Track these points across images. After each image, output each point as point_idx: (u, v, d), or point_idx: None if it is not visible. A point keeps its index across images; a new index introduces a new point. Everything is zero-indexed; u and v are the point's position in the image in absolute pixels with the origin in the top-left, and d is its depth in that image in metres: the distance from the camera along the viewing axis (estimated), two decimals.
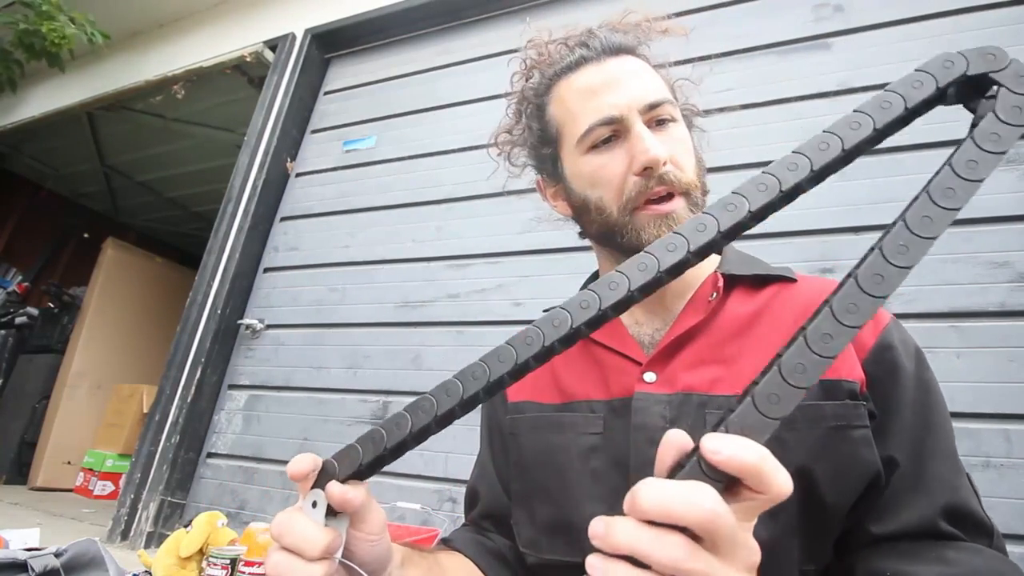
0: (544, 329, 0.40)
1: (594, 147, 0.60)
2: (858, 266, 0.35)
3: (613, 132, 0.59)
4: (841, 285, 0.35)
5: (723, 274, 0.62)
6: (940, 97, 0.39)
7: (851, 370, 0.53)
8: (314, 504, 0.41)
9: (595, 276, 0.72)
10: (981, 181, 0.36)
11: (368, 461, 0.41)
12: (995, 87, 0.37)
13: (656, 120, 0.60)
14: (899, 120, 0.39)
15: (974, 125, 0.38)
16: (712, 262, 0.66)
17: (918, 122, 0.41)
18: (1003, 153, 0.36)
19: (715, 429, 0.33)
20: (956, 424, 0.64)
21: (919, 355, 0.56)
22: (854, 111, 0.40)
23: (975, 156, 0.37)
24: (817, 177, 0.40)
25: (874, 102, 0.39)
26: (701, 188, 0.61)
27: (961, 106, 0.40)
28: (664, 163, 0.57)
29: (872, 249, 0.35)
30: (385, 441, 0.41)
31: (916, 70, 0.39)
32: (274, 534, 0.40)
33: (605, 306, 0.39)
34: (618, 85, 0.60)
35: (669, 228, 0.56)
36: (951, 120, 1.46)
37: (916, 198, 0.36)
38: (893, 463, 0.51)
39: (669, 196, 0.58)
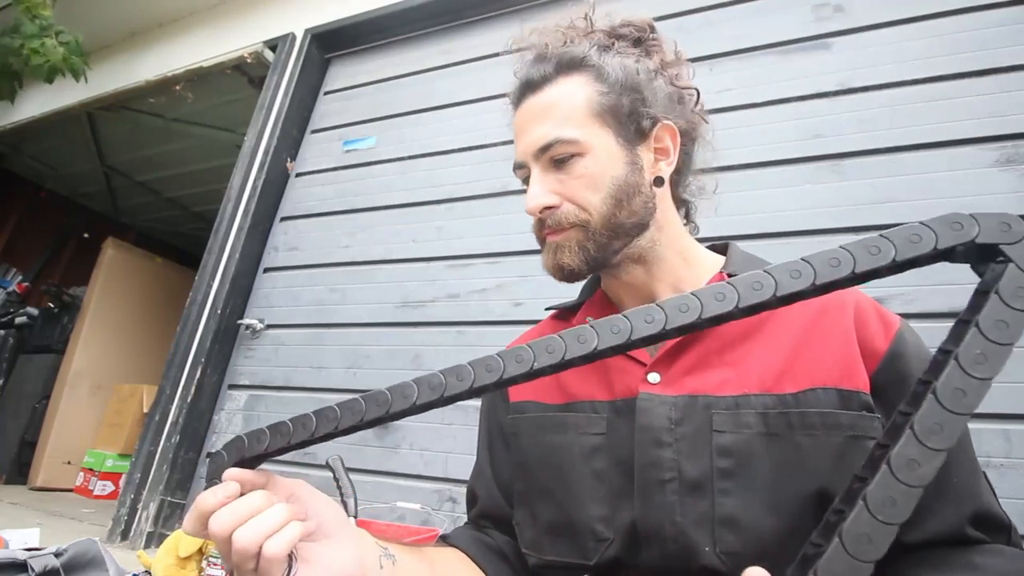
0: (476, 371, 0.40)
1: (524, 181, 0.64)
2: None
3: (525, 175, 0.64)
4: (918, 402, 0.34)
5: (728, 274, 0.62)
6: (937, 257, 0.37)
7: (864, 382, 0.53)
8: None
9: (597, 278, 0.72)
10: (1010, 344, 0.34)
11: (255, 455, 0.44)
12: (1004, 261, 0.35)
13: (553, 159, 0.60)
14: (884, 269, 0.38)
15: (981, 291, 0.36)
16: (716, 263, 0.66)
17: (919, 122, 0.40)
18: (1009, 344, 0.35)
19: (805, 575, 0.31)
20: None
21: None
22: (840, 247, 0.38)
23: (981, 346, 0.35)
24: (787, 299, 0.39)
25: (863, 244, 0.38)
26: (606, 219, 0.59)
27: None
28: (541, 210, 0.60)
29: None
30: (285, 438, 0.43)
31: (921, 223, 0.37)
32: (228, 521, 0.40)
33: (539, 365, 0.40)
34: (523, 132, 0.63)
35: (559, 254, 0.60)
36: (951, 120, 1.46)
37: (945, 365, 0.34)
38: None
39: (560, 229, 0.61)
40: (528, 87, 0.63)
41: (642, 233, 0.62)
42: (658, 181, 0.62)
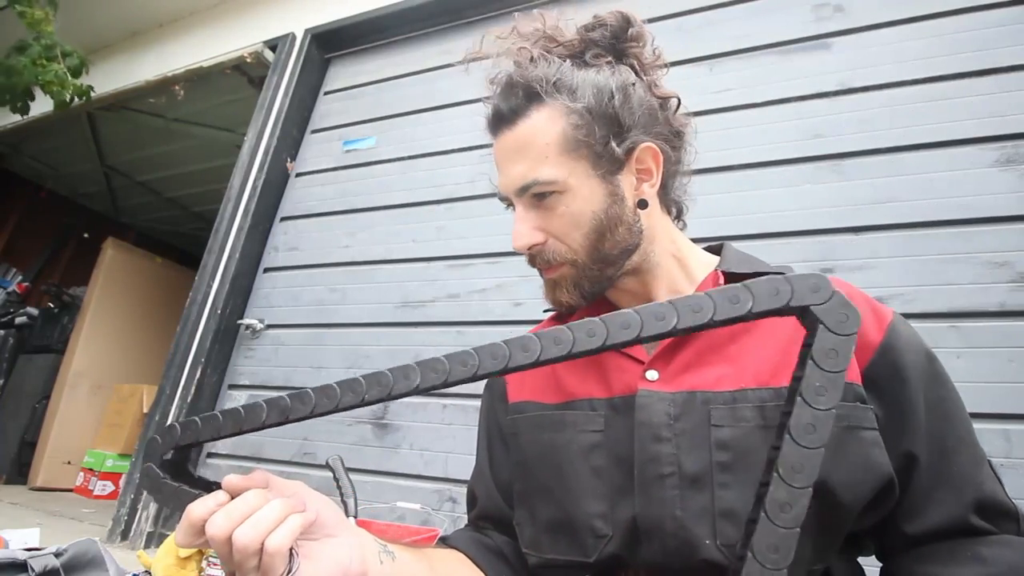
0: (451, 365, 0.42)
1: (509, 206, 0.64)
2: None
3: (509, 203, 0.63)
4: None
5: (723, 272, 0.62)
6: (760, 316, 0.39)
7: (856, 373, 0.54)
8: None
9: None
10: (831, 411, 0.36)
11: (185, 443, 0.45)
12: (817, 322, 0.37)
13: (534, 197, 0.60)
14: (704, 327, 0.39)
15: (806, 343, 0.38)
16: (711, 262, 0.66)
17: (919, 122, 0.41)
18: (831, 410, 0.37)
19: None
20: None
21: (927, 350, 0.56)
22: (668, 302, 0.40)
23: (811, 418, 0.37)
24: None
25: (687, 302, 0.39)
26: (591, 254, 0.59)
27: None
28: (529, 248, 0.61)
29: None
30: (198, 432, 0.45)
31: (744, 285, 0.39)
32: (224, 525, 0.40)
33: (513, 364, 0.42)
34: (502, 168, 0.62)
35: (557, 292, 0.62)
36: (951, 120, 1.46)
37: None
38: (914, 459, 0.52)
39: (552, 266, 0.61)
40: (500, 119, 0.61)
41: (633, 253, 0.62)
42: (642, 204, 0.61)
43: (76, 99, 2.51)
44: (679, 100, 0.66)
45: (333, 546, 0.44)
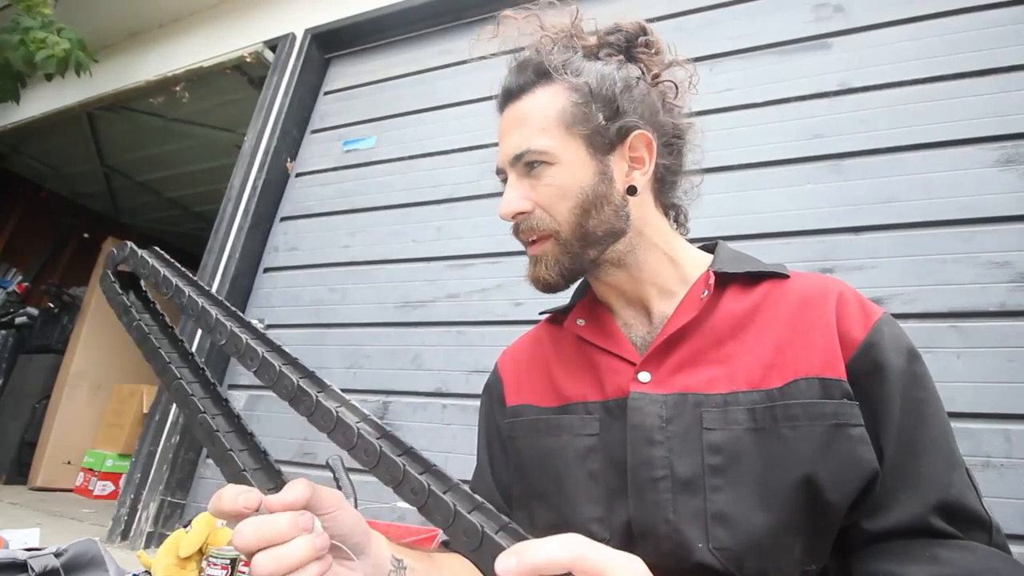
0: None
1: (505, 182, 0.65)
2: None
3: (504, 178, 0.65)
4: None
5: (715, 272, 0.62)
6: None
7: (843, 370, 0.53)
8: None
9: (586, 281, 0.71)
10: None
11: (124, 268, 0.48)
12: None
13: (527, 167, 0.61)
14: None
15: None
16: (705, 261, 0.66)
17: (919, 122, 0.40)
18: None
19: None
20: (956, 424, 0.63)
21: (910, 350, 0.55)
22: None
23: None
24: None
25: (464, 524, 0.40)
26: (574, 228, 0.60)
27: None
28: (514, 216, 0.62)
29: None
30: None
31: (484, 533, 0.39)
32: (249, 542, 0.39)
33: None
34: (502, 140, 0.64)
35: (536, 268, 0.63)
36: (951, 120, 1.46)
37: None
38: (882, 456, 0.51)
39: (535, 240, 0.63)
40: (508, 95, 0.64)
41: (618, 240, 0.62)
42: (631, 190, 0.62)
43: (72, 68, 2.48)
44: (677, 87, 0.66)
45: (348, 570, 0.44)
